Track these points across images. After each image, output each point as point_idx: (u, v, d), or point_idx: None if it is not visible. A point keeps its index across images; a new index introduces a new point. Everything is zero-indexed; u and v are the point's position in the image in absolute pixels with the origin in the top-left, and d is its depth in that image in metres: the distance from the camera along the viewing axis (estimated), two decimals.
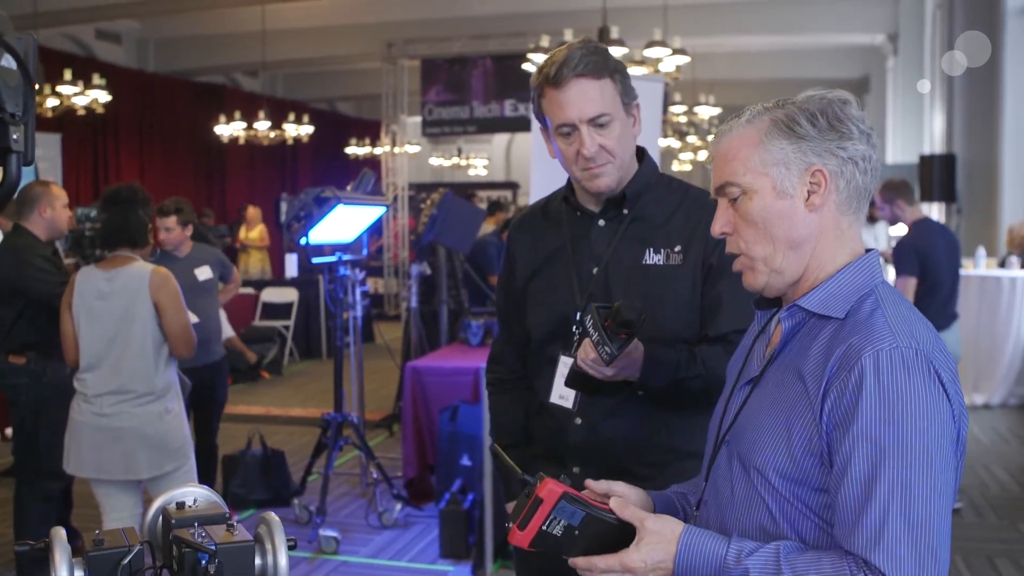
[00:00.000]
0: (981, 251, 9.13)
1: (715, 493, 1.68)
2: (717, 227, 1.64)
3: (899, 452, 1.41)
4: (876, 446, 1.42)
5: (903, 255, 5.84)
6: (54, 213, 4.86)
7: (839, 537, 1.46)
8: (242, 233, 14.52)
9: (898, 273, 5.82)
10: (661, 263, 2.29)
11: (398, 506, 5.82)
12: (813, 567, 1.44)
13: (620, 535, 1.58)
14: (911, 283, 5.74)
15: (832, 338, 1.52)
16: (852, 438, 1.44)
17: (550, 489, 1.57)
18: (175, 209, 5.62)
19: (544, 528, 1.58)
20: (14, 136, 1.08)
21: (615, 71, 2.24)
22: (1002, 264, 9.20)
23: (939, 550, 1.41)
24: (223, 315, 9.72)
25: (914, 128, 14.34)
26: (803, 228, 1.57)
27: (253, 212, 14.84)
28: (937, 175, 10.90)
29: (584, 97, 2.19)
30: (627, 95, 2.26)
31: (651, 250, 2.30)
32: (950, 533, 1.45)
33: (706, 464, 1.74)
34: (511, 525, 1.60)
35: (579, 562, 1.59)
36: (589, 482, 1.72)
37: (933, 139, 12.93)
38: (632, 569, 1.55)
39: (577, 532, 1.59)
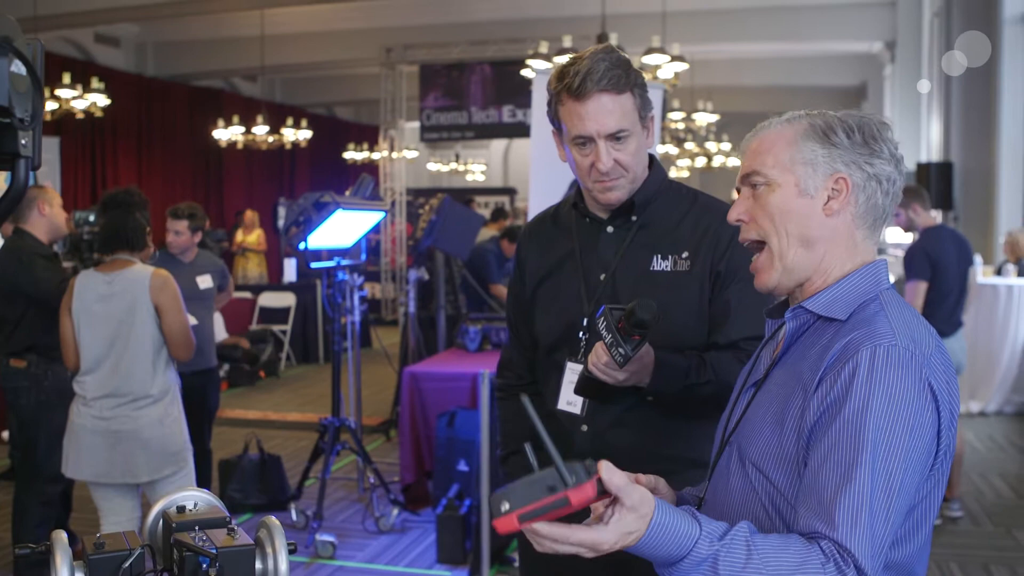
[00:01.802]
0: (978, 259, 9.13)
1: (715, 490, 1.71)
2: (733, 214, 1.69)
3: (877, 447, 1.44)
4: (858, 438, 1.45)
5: (914, 259, 5.84)
6: (52, 211, 4.87)
7: (807, 519, 1.46)
8: (239, 237, 14.51)
9: (908, 277, 5.81)
10: (669, 270, 2.30)
11: (395, 511, 5.82)
12: (781, 552, 1.44)
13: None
14: (921, 287, 5.73)
15: (833, 338, 1.56)
16: (838, 426, 1.47)
17: (585, 499, 1.37)
18: (188, 214, 5.63)
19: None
20: (23, 141, 1.09)
21: (636, 85, 2.23)
22: (999, 272, 9.22)
23: (885, 544, 1.45)
24: (219, 320, 9.75)
25: (911, 136, 14.36)
26: (816, 230, 1.61)
27: (251, 216, 14.84)
28: (934, 183, 10.92)
29: (604, 112, 2.18)
30: (645, 108, 2.26)
31: (659, 257, 2.31)
32: (895, 531, 1.47)
33: (711, 463, 1.77)
34: (508, 509, 1.36)
35: (541, 529, 1.40)
36: (640, 476, 1.72)
37: (930, 147, 12.96)
38: (598, 544, 1.42)
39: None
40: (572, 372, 2.31)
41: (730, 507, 1.64)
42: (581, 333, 2.33)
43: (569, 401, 2.33)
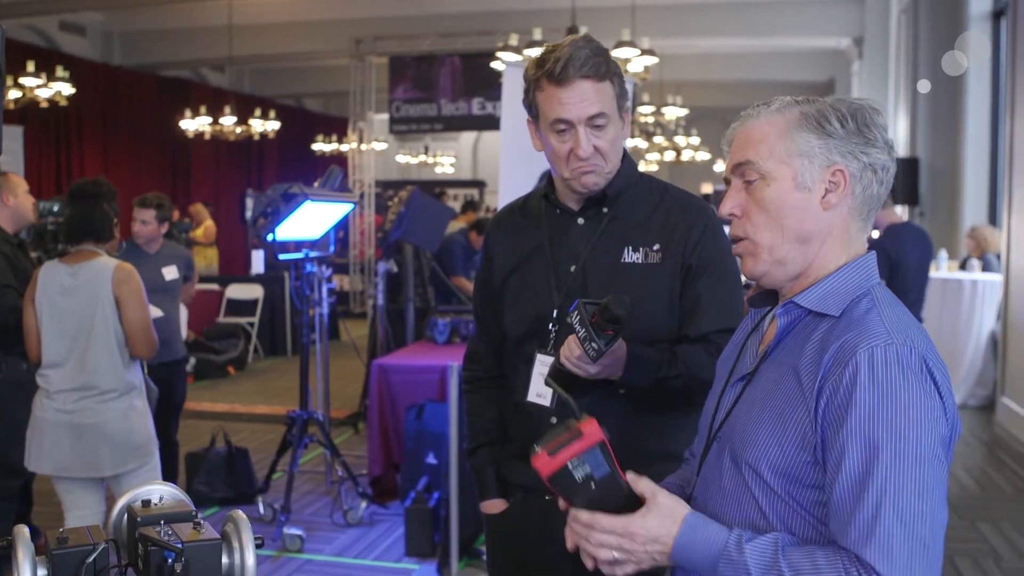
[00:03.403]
0: (943, 254, 9.22)
1: (705, 489, 1.68)
2: (726, 208, 1.64)
3: (892, 449, 1.42)
4: (869, 443, 1.43)
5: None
6: (17, 200, 4.79)
7: (833, 532, 1.46)
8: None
9: None
10: (640, 262, 2.30)
11: (363, 504, 5.80)
12: (807, 561, 1.44)
13: (624, 510, 1.57)
14: None
15: (827, 336, 1.53)
16: (845, 435, 1.45)
17: (594, 429, 1.56)
18: (156, 204, 5.59)
19: (569, 466, 1.55)
20: None
21: (615, 74, 2.25)
22: (963, 266, 9.31)
23: (931, 545, 1.42)
24: (184, 315, 9.65)
25: None
26: (813, 224, 1.58)
27: (197, 209, 14.64)
28: (901, 178, 11.00)
29: (585, 98, 2.19)
30: (622, 98, 2.27)
31: (629, 249, 2.31)
32: (943, 528, 1.45)
33: (699, 459, 1.74)
34: (539, 449, 1.56)
35: (582, 516, 1.57)
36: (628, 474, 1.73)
37: (897, 142, 13.07)
38: (632, 534, 1.54)
39: (593, 486, 1.56)
40: (542, 364, 2.30)
41: (723, 507, 1.62)
42: (551, 325, 2.32)
43: (539, 393, 2.33)
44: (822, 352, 1.51)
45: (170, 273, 5.65)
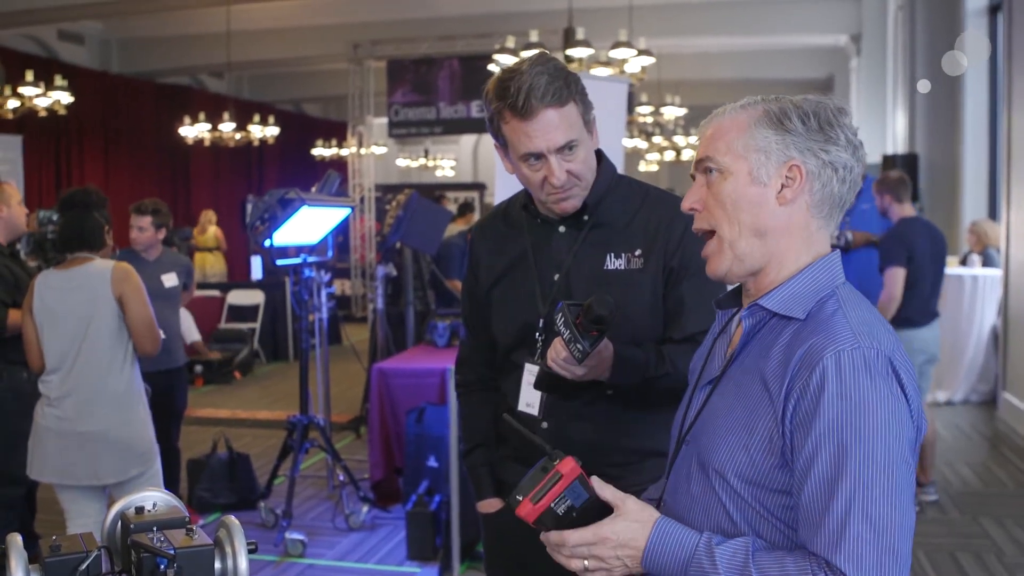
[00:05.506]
0: None
1: (675, 493, 1.68)
2: (687, 203, 1.66)
3: (860, 454, 1.42)
4: (838, 448, 1.43)
5: (890, 247, 5.87)
6: (11, 211, 4.78)
7: (802, 538, 1.46)
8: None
9: (886, 264, 5.82)
10: (622, 268, 2.29)
11: (365, 508, 5.81)
12: (777, 566, 1.44)
13: (596, 519, 1.59)
14: (900, 273, 5.74)
15: (793, 339, 1.53)
16: (814, 439, 1.44)
17: (572, 468, 1.58)
18: (152, 210, 5.60)
19: (552, 505, 1.57)
20: None
21: (577, 92, 2.18)
22: (963, 262, 9.30)
23: (900, 549, 1.42)
24: (190, 319, 9.67)
25: (877, 128, 14.47)
26: (769, 219, 1.58)
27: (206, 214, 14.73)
28: None
29: (552, 127, 2.14)
30: (587, 113, 2.22)
31: (612, 255, 2.30)
32: (912, 532, 1.46)
33: (668, 462, 1.74)
34: (521, 498, 1.58)
35: (551, 537, 1.59)
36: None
37: (896, 139, 13.06)
38: (603, 540, 1.55)
39: (575, 514, 1.58)
40: (530, 374, 2.31)
41: (692, 512, 1.62)
42: (538, 334, 2.32)
43: (528, 402, 2.33)
44: (789, 356, 1.50)
45: (169, 280, 5.65)
